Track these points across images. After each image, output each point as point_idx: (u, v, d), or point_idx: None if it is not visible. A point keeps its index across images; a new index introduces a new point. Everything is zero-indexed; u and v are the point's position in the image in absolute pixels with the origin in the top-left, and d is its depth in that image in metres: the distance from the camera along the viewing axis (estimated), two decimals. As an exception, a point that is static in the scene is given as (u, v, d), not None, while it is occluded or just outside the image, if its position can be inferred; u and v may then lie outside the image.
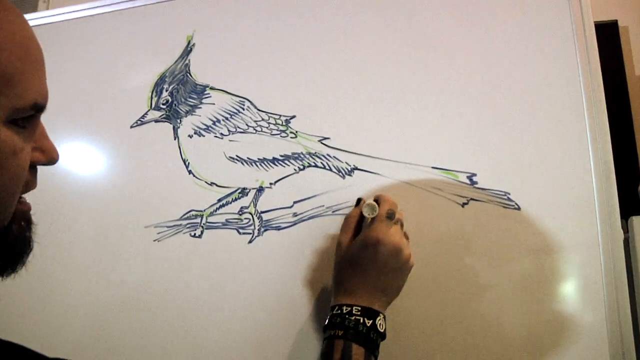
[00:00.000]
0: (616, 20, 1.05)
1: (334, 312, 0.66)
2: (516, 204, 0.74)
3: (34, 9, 1.27)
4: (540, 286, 0.72)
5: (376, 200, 0.71)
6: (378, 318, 0.65)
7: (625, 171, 0.84)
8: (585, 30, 0.77)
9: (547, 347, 0.70)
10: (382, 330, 0.65)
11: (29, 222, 0.50)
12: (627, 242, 0.74)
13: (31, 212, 0.51)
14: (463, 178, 0.75)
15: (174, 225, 0.84)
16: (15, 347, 0.48)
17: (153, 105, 0.90)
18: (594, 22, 0.80)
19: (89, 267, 0.88)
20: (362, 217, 0.72)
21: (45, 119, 0.49)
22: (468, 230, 0.74)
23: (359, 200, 0.75)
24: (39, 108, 0.45)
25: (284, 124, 0.82)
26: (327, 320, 0.67)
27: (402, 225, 0.70)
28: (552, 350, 0.70)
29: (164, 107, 0.89)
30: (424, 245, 0.74)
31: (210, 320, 0.80)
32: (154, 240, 0.85)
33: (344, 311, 0.65)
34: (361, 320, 0.64)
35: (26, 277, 0.85)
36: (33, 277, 0.89)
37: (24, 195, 0.50)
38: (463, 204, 0.75)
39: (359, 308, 0.65)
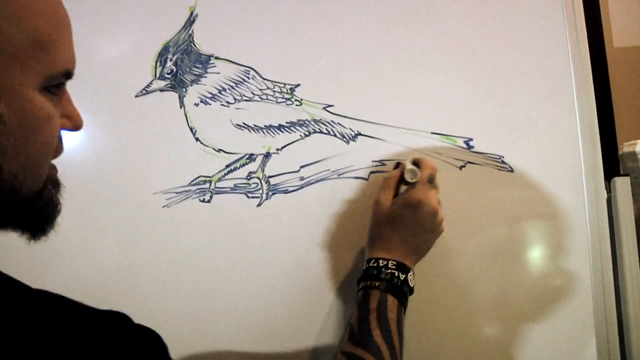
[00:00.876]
0: (596, -7, 1.10)
1: (370, 264, 0.71)
2: (510, 166, 0.80)
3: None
4: (532, 241, 0.79)
5: (416, 162, 0.75)
6: (410, 274, 0.70)
7: (605, 136, 0.91)
8: (574, 6, 0.82)
9: (545, 296, 0.77)
10: (412, 286, 0.71)
11: (56, 184, 0.51)
12: (609, 202, 0.80)
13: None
14: (460, 142, 0.81)
15: (183, 191, 0.88)
16: (63, 300, 0.50)
17: (157, 75, 0.92)
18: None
19: (98, 234, 0.90)
20: (401, 179, 0.75)
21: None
22: (466, 191, 0.80)
23: (397, 164, 0.78)
24: (69, 75, 0.47)
25: (288, 92, 0.86)
26: (362, 272, 0.72)
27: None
28: (549, 297, 0.77)
29: (169, 76, 0.91)
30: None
31: (222, 283, 0.84)
32: (163, 207, 0.88)
33: (381, 264, 0.70)
34: (396, 274, 0.69)
35: (34, 246, 0.88)
36: (41, 246, 0.92)
37: None
38: (461, 167, 0.80)
39: (395, 262, 0.70)
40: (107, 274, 0.89)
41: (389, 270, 0.69)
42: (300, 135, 0.85)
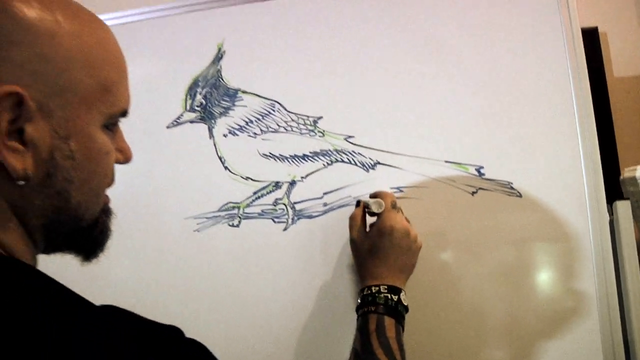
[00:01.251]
0: (596, 27, 1.18)
1: (365, 293, 0.78)
2: (518, 192, 0.86)
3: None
4: (540, 263, 0.85)
5: (375, 195, 0.83)
6: (402, 294, 0.77)
7: (608, 162, 0.97)
8: (574, 40, 0.90)
9: (552, 318, 0.83)
10: (405, 304, 0.77)
11: (109, 212, 0.58)
12: (612, 223, 0.87)
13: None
14: (472, 170, 0.88)
15: (213, 217, 0.95)
16: (128, 314, 0.54)
17: (188, 108, 1.00)
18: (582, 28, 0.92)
19: (132, 256, 0.97)
20: (364, 214, 0.83)
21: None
22: (478, 216, 0.86)
23: (358, 202, 0.85)
24: (125, 113, 0.54)
25: (312, 124, 0.93)
26: (359, 301, 0.78)
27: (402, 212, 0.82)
28: (557, 318, 0.83)
29: (199, 109, 0.99)
30: (439, 230, 0.86)
31: (250, 302, 0.91)
32: (194, 231, 0.95)
33: (374, 291, 0.77)
34: (389, 297, 0.76)
35: (72, 268, 0.95)
36: (80, 267, 0.99)
37: None
38: (473, 193, 0.87)
39: (386, 286, 0.77)
40: (141, 292, 0.96)
41: (382, 295, 0.76)
42: (323, 164, 0.92)
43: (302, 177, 0.92)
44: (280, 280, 0.91)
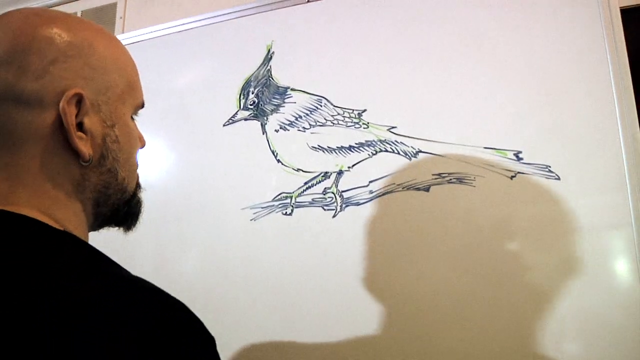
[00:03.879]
0: (643, 5, 1.23)
1: None
2: (556, 174, 0.94)
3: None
4: (579, 245, 0.91)
5: None
6: None
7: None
8: (612, 18, 0.95)
9: (594, 297, 0.90)
10: None
11: (139, 186, 0.70)
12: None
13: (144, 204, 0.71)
14: (510, 155, 0.96)
15: (268, 206, 1.08)
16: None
17: (242, 106, 1.13)
18: (622, 7, 0.98)
19: (195, 243, 1.12)
20: None
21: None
22: (517, 199, 0.94)
23: None
24: (143, 105, 0.68)
25: (357, 117, 1.04)
26: None
27: None
28: (599, 304, 0.90)
29: (252, 107, 1.12)
30: (480, 214, 0.95)
31: (302, 284, 1.03)
32: (251, 220, 1.09)
33: None
34: None
35: (143, 250, 1.10)
36: (146, 252, 1.14)
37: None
38: (511, 177, 0.95)
39: None
40: (204, 277, 1.10)
41: None
42: (368, 154, 1.03)
43: (348, 167, 1.04)
44: (330, 263, 1.02)
